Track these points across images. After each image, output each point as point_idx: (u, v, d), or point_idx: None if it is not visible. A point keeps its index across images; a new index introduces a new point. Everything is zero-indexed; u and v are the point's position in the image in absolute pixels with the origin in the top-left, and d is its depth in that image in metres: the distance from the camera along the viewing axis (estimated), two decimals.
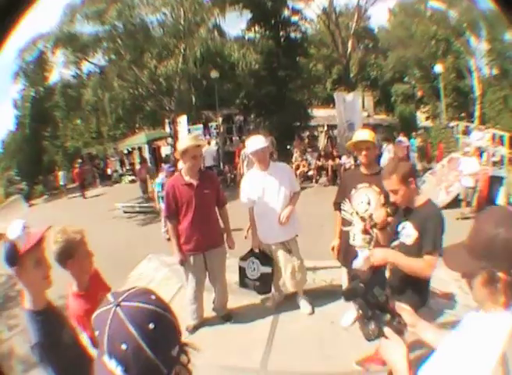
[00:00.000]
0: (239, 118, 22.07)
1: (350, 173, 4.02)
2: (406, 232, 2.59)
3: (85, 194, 18.00)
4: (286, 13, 20.76)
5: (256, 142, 3.95)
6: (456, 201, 9.82)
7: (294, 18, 21.15)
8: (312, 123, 22.50)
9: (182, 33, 18.02)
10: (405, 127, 19.30)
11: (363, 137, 3.47)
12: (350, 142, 3.59)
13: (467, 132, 15.55)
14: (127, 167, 22.15)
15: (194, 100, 20.59)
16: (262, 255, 4.16)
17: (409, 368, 1.27)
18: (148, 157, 19.46)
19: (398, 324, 1.46)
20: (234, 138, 20.70)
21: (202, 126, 18.81)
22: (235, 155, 15.66)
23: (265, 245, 4.17)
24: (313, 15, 23.42)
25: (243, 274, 4.26)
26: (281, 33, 20.49)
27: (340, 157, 13.66)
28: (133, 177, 15.29)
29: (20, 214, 14.09)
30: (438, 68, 18.41)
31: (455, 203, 9.74)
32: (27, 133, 23.57)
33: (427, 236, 2.46)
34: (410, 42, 23.69)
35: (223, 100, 19.60)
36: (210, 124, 19.52)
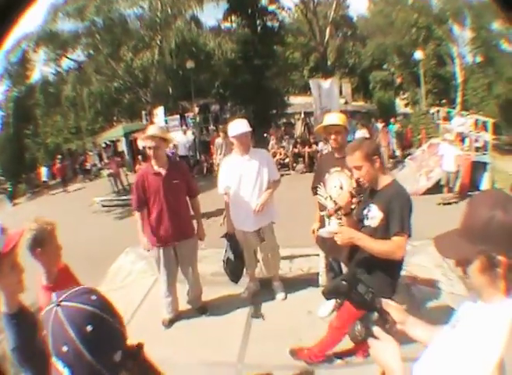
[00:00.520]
0: (215, 107, 21.94)
1: (325, 158, 3.94)
2: (371, 214, 2.51)
3: (67, 189, 17.95)
4: (264, 2, 20.64)
5: (239, 126, 3.81)
6: (437, 186, 9.88)
7: (271, 7, 21.03)
8: (289, 111, 22.48)
9: (158, 25, 18.04)
10: (384, 114, 19.27)
11: (332, 121, 3.40)
12: (320, 126, 3.50)
13: (448, 118, 15.66)
14: (105, 161, 21.81)
15: (171, 91, 20.60)
16: (232, 241, 4.09)
17: (403, 367, 1.21)
18: (126, 149, 19.34)
19: (386, 322, 1.37)
20: (210, 128, 20.60)
21: (179, 116, 18.67)
22: (210, 145, 15.70)
23: (238, 231, 4.07)
24: (291, 4, 23.25)
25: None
26: (258, 21, 20.37)
27: (317, 143, 13.58)
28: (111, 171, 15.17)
29: (4, 214, 13.88)
30: (418, 54, 18.33)
31: (436, 189, 9.81)
32: (11, 132, 23.76)
33: (393, 217, 2.38)
34: (389, 30, 23.73)
35: (199, 90, 19.56)
36: (187, 115, 19.34)
